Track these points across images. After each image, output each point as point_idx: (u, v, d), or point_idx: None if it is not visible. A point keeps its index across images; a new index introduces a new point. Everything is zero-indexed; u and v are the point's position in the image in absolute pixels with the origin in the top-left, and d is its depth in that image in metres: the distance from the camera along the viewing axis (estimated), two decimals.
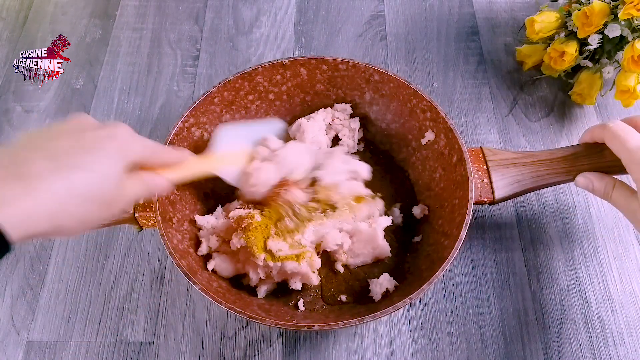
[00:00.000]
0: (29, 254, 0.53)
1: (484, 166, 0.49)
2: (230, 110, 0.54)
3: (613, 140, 0.44)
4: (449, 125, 0.49)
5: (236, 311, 0.40)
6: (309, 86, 0.56)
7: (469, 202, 0.45)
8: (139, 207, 0.46)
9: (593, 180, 0.47)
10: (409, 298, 0.40)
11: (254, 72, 0.53)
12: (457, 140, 0.48)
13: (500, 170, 0.48)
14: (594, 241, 0.54)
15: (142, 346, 0.48)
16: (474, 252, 0.53)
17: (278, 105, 0.57)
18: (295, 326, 0.40)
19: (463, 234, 0.43)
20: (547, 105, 0.63)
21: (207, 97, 0.51)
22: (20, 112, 0.63)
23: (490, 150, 0.50)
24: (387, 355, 0.48)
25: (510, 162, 0.49)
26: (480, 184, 0.48)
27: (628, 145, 0.42)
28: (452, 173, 0.49)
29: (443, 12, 0.72)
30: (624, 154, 0.43)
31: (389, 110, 0.56)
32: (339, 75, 0.55)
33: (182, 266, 0.42)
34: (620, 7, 0.53)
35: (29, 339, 0.49)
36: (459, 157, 0.48)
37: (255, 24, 0.70)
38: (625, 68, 0.55)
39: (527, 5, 0.72)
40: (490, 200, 0.47)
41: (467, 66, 0.66)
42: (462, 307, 0.50)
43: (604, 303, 0.50)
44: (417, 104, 0.52)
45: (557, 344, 0.48)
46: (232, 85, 0.53)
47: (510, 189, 0.48)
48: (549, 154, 0.49)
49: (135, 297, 0.51)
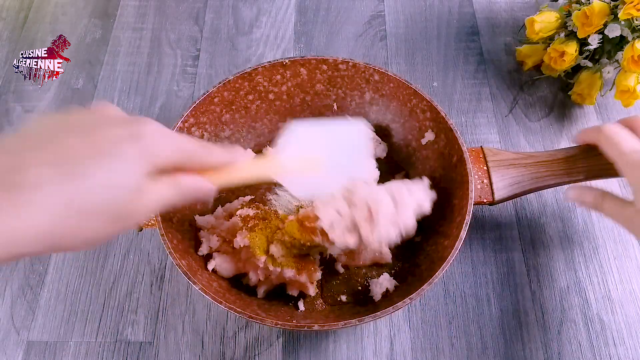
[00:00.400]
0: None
1: (484, 166, 0.49)
2: (230, 110, 0.54)
3: (607, 143, 0.44)
4: (449, 125, 0.49)
5: (236, 311, 0.40)
6: (309, 86, 0.56)
7: (469, 203, 0.44)
8: None
9: (583, 193, 0.46)
10: (409, 298, 0.40)
11: (254, 72, 0.53)
12: (457, 140, 0.48)
13: (501, 171, 0.48)
14: (594, 241, 0.54)
15: (142, 346, 0.48)
16: (474, 252, 0.53)
17: (278, 105, 0.57)
18: (296, 326, 0.40)
19: (463, 234, 0.43)
20: (547, 105, 0.63)
21: (207, 97, 0.51)
22: (20, 112, 0.63)
23: (490, 151, 0.50)
24: (387, 355, 0.48)
25: (511, 163, 0.49)
26: (480, 185, 0.48)
27: (622, 148, 0.42)
28: (452, 173, 0.49)
29: (443, 12, 0.72)
30: (618, 158, 0.43)
31: (389, 110, 0.56)
32: (339, 75, 0.55)
33: (182, 266, 0.42)
34: (620, 7, 0.53)
35: (29, 339, 0.49)
36: (459, 157, 0.48)
37: (255, 24, 0.70)
38: (625, 68, 0.55)
39: (527, 5, 0.72)
40: (490, 201, 0.47)
41: (467, 66, 0.66)
42: (462, 307, 0.50)
43: (604, 303, 0.50)
44: (417, 104, 0.52)
45: (557, 344, 0.48)
46: (232, 85, 0.53)
47: (510, 190, 0.48)
48: (549, 155, 0.49)
49: (135, 297, 0.51)
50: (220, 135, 0.55)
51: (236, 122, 0.56)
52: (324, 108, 0.58)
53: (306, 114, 0.58)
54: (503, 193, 0.47)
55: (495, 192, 0.47)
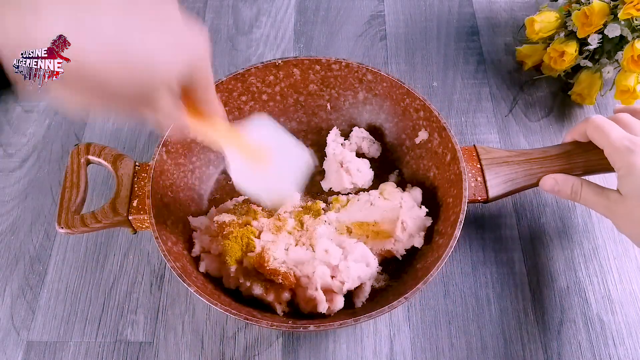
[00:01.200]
0: (29, 254, 0.53)
1: (477, 164, 0.49)
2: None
3: (596, 131, 0.45)
4: (442, 124, 0.49)
5: (231, 313, 0.40)
6: (302, 86, 0.56)
7: (463, 201, 0.44)
8: (132, 210, 0.47)
9: (558, 181, 0.46)
10: (404, 297, 0.40)
11: (246, 72, 0.53)
12: (450, 138, 0.48)
13: (494, 169, 0.48)
14: (593, 241, 0.54)
15: (142, 346, 0.48)
16: (474, 252, 0.53)
17: (272, 105, 0.57)
18: (291, 327, 0.40)
19: (457, 232, 0.43)
20: (547, 105, 0.63)
21: None
22: (20, 112, 0.63)
23: (483, 149, 0.50)
24: (387, 356, 0.48)
25: (504, 161, 0.49)
26: (474, 183, 0.48)
27: (610, 136, 0.43)
28: (446, 172, 0.49)
29: (443, 12, 0.72)
30: (607, 144, 0.43)
31: (382, 109, 0.56)
32: (332, 75, 0.55)
33: (176, 268, 0.42)
34: (620, 7, 0.53)
35: (29, 339, 0.49)
36: (453, 156, 0.48)
37: (255, 24, 0.70)
38: (625, 68, 0.55)
39: (527, 5, 0.72)
40: (484, 199, 0.47)
41: (467, 66, 0.66)
42: (462, 307, 0.50)
43: (604, 303, 0.50)
44: (410, 104, 0.52)
45: (557, 344, 0.48)
46: (225, 86, 0.53)
47: (504, 187, 0.48)
48: (542, 152, 0.49)
49: (135, 297, 0.51)
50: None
51: (229, 123, 0.56)
52: (318, 108, 0.58)
53: (300, 114, 0.58)
54: (497, 190, 0.48)
55: (490, 189, 0.47)
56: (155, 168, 0.48)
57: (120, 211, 0.46)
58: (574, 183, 0.46)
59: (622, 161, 0.42)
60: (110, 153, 0.50)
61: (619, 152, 0.43)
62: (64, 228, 0.45)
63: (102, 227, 0.46)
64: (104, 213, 0.46)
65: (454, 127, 0.61)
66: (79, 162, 0.49)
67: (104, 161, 0.49)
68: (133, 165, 0.49)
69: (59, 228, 0.45)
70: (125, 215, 0.46)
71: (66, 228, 0.45)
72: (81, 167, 0.49)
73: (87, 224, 0.46)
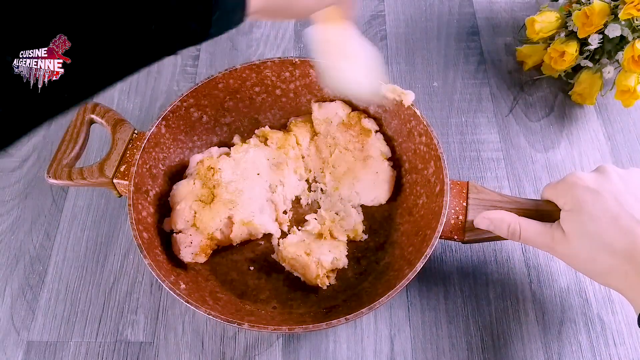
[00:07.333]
0: (29, 254, 0.53)
1: (464, 202, 0.46)
2: (235, 99, 0.55)
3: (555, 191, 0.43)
4: (438, 154, 0.47)
5: (210, 314, 0.40)
6: (317, 88, 0.56)
7: (434, 236, 0.43)
8: (118, 174, 0.48)
9: (493, 221, 0.43)
10: (354, 315, 0.40)
11: (262, 65, 0.54)
12: (442, 169, 0.46)
13: (479, 211, 0.45)
14: None
15: (142, 346, 0.48)
16: (473, 252, 0.53)
17: (284, 101, 0.57)
18: (274, 329, 0.40)
19: (419, 265, 0.41)
20: (547, 105, 0.63)
21: (210, 80, 0.52)
22: None
23: (475, 187, 0.47)
24: (388, 356, 0.48)
25: (492, 204, 0.46)
26: (454, 220, 0.46)
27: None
28: (433, 203, 0.47)
29: (443, 12, 0.72)
30: (553, 184, 0.43)
31: (390, 128, 0.55)
32: None
33: (138, 238, 0.43)
34: (621, 7, 0.53)
35: (29, 339, 0.49)
36: (441, 188, 0.46)
37: (255, 24, 0.70)
38: (625, 68, 0.55)
39: (528, 5, 0.72)
40: (461, 239, 0.46)
41: (468, 66, 0.66)
42: (462, 307, 0.50)
43: (604, 303, 0.50)
44: (415, 126, 0.51)
45: (557, 344, 0.48)
46: (239, 74, 0.53)
47: (482, 234, 0.45)
48: (534, 204, 0.45)
49: (135, 297, 0.51)
50: (220, 121, 0.56)
51: (239, 110, 0.56)
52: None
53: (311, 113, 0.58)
54: (474, 234, 0.45)
55: (467, 232, 0.45)
56: (150, 138, 0.49)
57: (107, 173, 0.48)
58: (510, 224, 0.42)
59: (567, 194, 0.40)
60: (113, 116, 0.51)
61: (565, 183, 0.41)
62: (51, 178, 0.48)
63: (86, 184, 0.48)
64: (90, 171, 0.48)
65: (455, 127, 0.61)
66: (83, 119, 0.51)
67: (105, 122, 0.51)
68: (131, 132, 0.51)
69: (46, 177, 0.48)
70: (111, 177, 0.48)
71: (53, 178, 0.48)
72: (83, 124, 0.50)
73: (72, 178, 0.48)
